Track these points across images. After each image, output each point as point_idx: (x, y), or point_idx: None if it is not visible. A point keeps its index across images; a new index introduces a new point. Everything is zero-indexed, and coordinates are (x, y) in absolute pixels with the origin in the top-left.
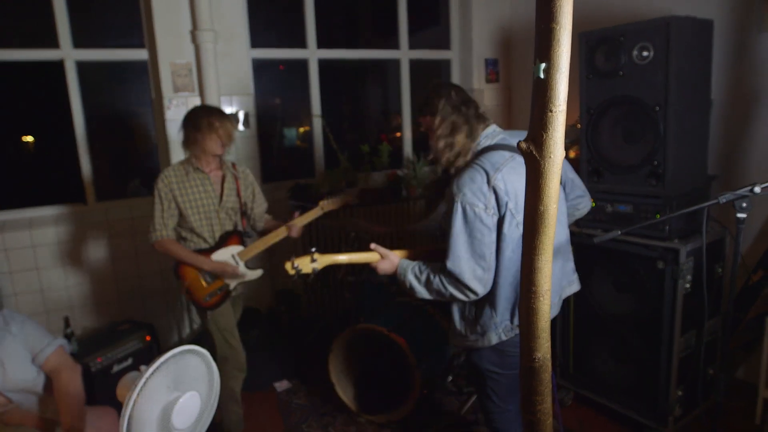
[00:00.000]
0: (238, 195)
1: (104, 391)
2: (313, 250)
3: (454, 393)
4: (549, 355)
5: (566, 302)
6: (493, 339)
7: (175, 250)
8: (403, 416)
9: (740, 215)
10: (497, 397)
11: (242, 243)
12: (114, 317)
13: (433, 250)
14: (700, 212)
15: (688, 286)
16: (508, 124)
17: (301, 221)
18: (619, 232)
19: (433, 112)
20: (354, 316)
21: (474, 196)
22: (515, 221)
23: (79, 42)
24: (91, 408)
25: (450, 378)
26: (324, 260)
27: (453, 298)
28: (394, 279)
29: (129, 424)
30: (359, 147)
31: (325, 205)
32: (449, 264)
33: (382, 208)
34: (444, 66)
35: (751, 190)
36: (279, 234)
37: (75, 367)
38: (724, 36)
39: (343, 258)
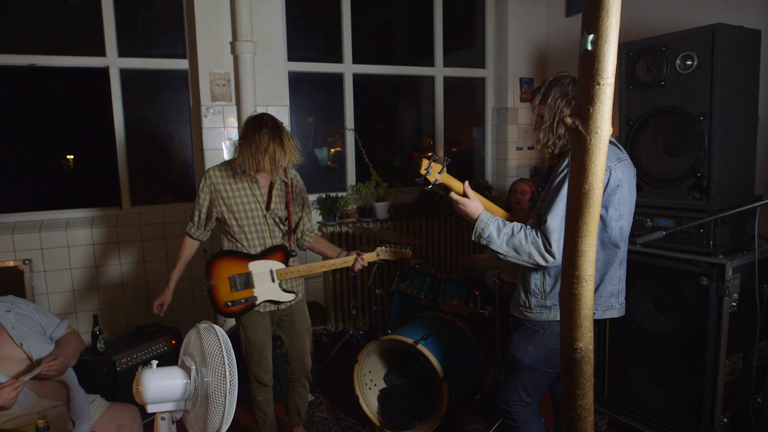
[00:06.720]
0: (288, 205)
1: (128, 390)
2: (448, 160)
3: (481, 413)
4: (591, 346)
5: (601, 320)
6: (557, 315)
7: (178, 252)
8: None
9: None
10: (525, 392)
11: (285, 261)
12: (142, 320)
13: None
14: (748, 226)
15: (734, 304)
16: None
17: (369, 257)
18: (663, 233)
19: (545, 101)
20: (381, 328)
21: None
22: (617, 213)
23: (123, 51)
24: (114, 404)
25: (478, 396)
26: (443, 178)
27: (527, 260)
28: (421, 288)
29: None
30: (391, 161)
31: (381, 252)
32: (549, 218)
33: (413, 221)
34: (478, 84)
35: None
36: (339, 263)
37: (80, 337)
38: None
39: (456, 184)
